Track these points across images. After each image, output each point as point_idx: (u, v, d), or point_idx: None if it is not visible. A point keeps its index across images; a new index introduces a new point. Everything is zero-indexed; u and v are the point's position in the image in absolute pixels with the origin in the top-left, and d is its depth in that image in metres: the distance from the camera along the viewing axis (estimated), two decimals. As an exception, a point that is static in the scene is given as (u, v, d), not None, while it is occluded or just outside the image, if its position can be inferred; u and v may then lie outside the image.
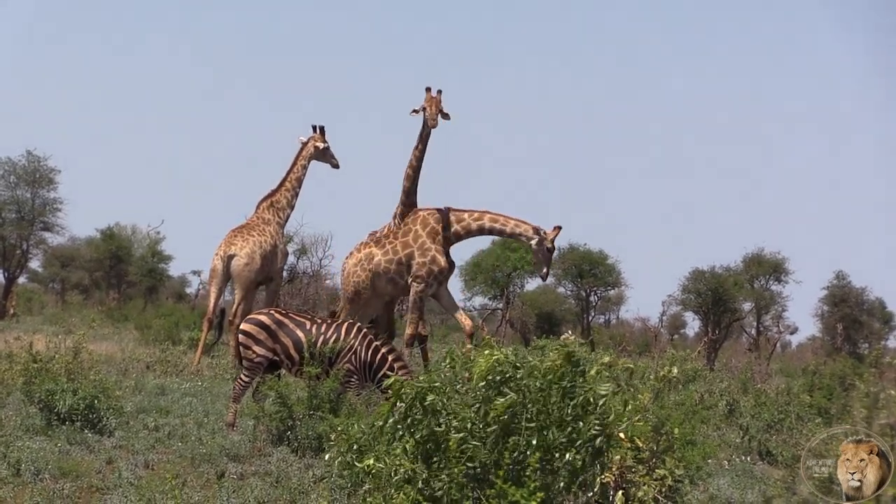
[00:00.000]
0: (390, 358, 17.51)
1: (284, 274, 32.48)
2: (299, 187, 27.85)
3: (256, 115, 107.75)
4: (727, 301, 45.74)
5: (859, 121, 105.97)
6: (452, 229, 24.45)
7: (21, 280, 54.07)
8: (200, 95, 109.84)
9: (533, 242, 24.31)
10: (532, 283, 52.62)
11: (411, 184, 24.70)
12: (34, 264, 55.89)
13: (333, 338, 17.58)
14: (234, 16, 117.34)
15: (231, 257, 26.46)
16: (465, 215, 24.45)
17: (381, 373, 17.31)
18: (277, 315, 17.93)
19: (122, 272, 56.75)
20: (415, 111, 24.55)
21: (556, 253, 45.53)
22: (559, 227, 24.41)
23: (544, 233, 24.22)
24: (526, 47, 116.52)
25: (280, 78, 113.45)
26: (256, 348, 17.61)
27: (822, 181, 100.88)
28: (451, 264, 24.39)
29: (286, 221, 28.10)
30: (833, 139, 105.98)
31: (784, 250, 50.31)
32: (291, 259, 38.20)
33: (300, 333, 17.71)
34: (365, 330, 17.90)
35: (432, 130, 24.37)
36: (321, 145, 27.63)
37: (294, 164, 27.73)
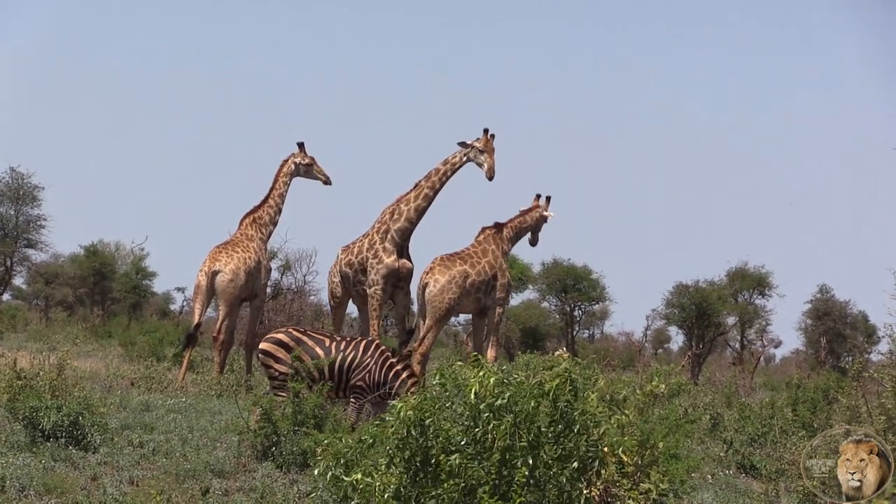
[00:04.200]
0: (404, 375, 17.65)
1: (268, 290, 32.44)
2: (282, 203, 27.85)
3: (240, 132, 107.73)
4: (711, 315, 45.78)
5: (843, 134, 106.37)
6: (509, 246, 24.99)
7: (5, 297, 53.96)
8: (184, 112, 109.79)
9: (543, 222, 25.38)
10: (516, 299, 52.65)
11: (428, 204, 24.92)
12: (18, 281, 55.77)
13: (351, 356, 17.76)
14: (218, 33, 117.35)
15: (215, 273, 26.43)
16: (512, 230, 24.94)
17: (395, 390, 17.45)
18: (296, 333, 18.16)
19: (106, 289, 56.59)
20: (465, 144, 24.72)
21: (541, 268, 45.39)
22: (546, 197, 25.46)
23: (543, 208, 25.38)
24: (506, 53, 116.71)
25: (264, 94, 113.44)
26: (277, 366, 17.86)
27: (805, 195, 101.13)
28: None
29: (269, 237, 28.11)
30: (816, 152, 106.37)
31: (768, 264, 50.30)
32: (275, 275, 38.16)
33: (319, 351, 17.90)
34: (383, 347, 18.03)
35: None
36: (299, 161, 27.61)
37: (275, 181, 27.74)
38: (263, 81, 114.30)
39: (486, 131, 24.54)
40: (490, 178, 24.54)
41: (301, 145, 27.72)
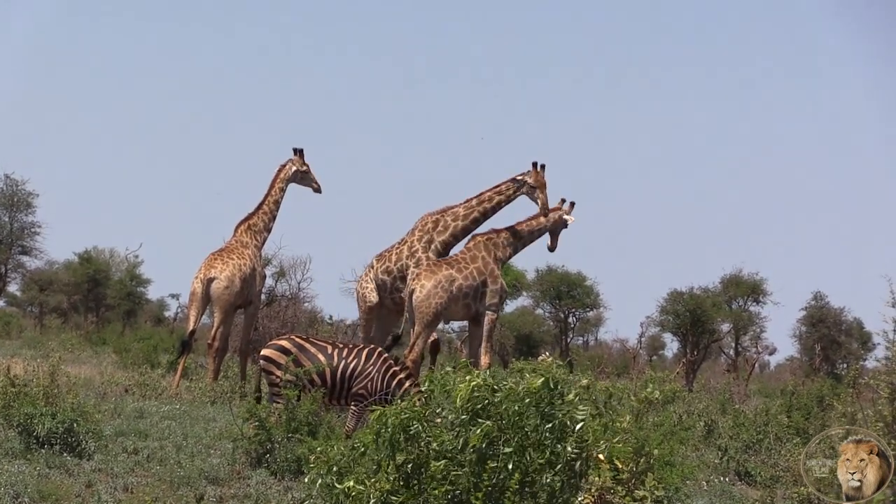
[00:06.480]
0: (407, 384, 17.68)
1: (263, 297, 32.42)
2: (277, 210, 27.78)
3: (235, 139, 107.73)
4: (705, 322, 45.82)
5: (837, 141, 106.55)
6: (508, 252, 24.75)
7: (-1, 304, 54.02)
8: (178, 118, 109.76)
9: (563, 227, 24.94)
10: (510, 306, 52.72)
11: (475, 227, 24.94)
12: (12, 288, 55.79)
13: (353, 363, 17.79)
14: (212, 39, 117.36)
15: (211, 280, 26.39)
16: (511, 235, 24.66)
17: (397, 398, 17.45)
18: (298, 339, 18.21)
19: (100, 296, 56.57)
20: (516, 180, 24.68)
21: (535, 275, 45.23)
22: (571, 202, 24.89)
23: (564, 212, 24.86)
24: (497, 55, 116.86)
25: (259, 100, 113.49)
26: (279, 372, 17.83)
27: (800, 202, 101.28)
28: None
29: (264, 244, 28.07)
30: (811, 160, 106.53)
31: (762, 271, 50.41)
32: (270, 282, 38.14)
33: (322, 358, 17.90)
34: (385, 356, 18.05)
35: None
36: (297, 168, 27.55)
37: (271, 186, 27.66)
38: (258, 87, 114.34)
39: (535, 164, 24.53)
40: (545, 215, 24.50)
41: (300, 152, 27.67)
